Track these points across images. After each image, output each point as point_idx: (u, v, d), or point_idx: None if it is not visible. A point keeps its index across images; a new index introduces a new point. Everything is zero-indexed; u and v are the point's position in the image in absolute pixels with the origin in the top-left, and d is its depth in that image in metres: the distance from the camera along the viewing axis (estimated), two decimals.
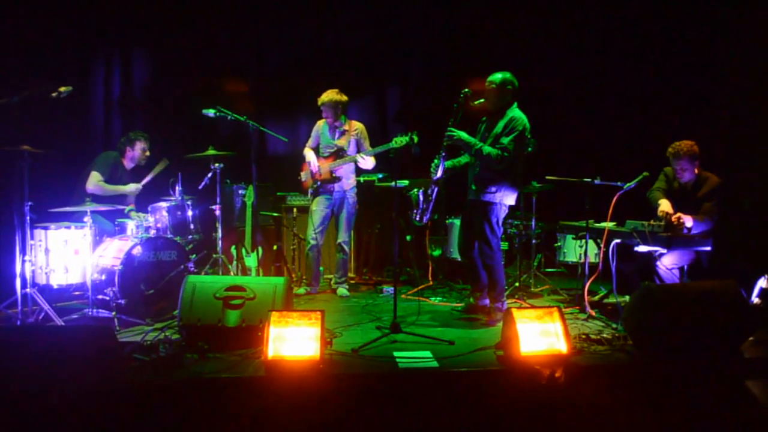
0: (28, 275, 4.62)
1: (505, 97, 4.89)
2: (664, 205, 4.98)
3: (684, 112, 6.88)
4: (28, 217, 4.58)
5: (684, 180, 5.07)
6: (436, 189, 5.05)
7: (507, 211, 4.98)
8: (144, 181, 5.79)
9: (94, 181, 5.56)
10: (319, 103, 5.89)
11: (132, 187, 5.73)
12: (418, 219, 5.15)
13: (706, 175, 5.04)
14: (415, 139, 5.22)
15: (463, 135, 4.85)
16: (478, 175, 4.93)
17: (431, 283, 6.51)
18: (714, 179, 5.00)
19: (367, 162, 5.82)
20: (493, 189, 4.83)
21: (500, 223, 4.94)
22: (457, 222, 5.15)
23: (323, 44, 7.75)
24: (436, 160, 5.02)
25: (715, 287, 4.14)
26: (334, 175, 5.90)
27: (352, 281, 6.57)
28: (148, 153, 5.85)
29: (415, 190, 5.17)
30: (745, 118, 6.37)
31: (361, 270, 7.05)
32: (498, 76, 4.89)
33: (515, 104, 4.92)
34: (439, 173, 4.99)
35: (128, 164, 5.84)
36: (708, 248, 4.74)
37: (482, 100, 4.90)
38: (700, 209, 4.88)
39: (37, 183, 4.68)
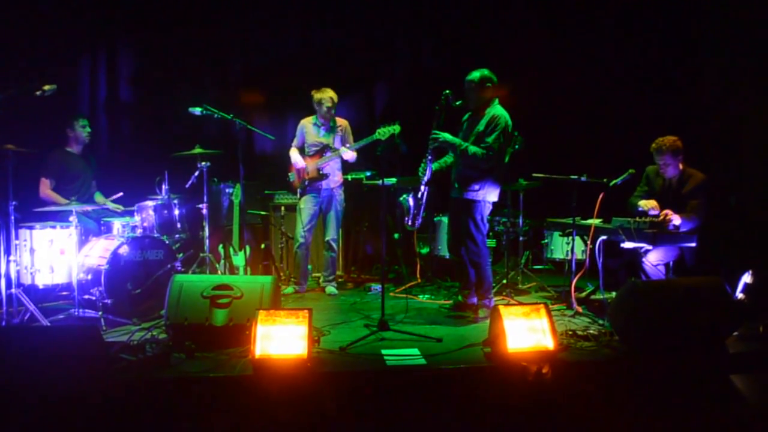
0: (13, 275, 4.58)
1: (485, 95, 4.91)
2: (645, 203, 5.02)
3: (670, 110, 6.92)
4: (12, 217, 4.56)
5: (668, 175, 5.10)
6: (426, 191, 5.06)
7: (491, 207, 4.99)
8: (95, 206, 5.62)
9: (44, 189, 5.52)
10: (319, 98, 5.85)
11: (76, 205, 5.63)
12: (410, 224, 5.16)
13: (690, 172, 5.07)
14: (398, 129, 5.22)
15: (448, 137, 4.87)
16: (461, 173, 4.95)
17: (419, 280, 6.53)
18: (699, 176, 5.03)
19: (349, 154, 5.83)
20: (476, 187, 4.84)
21: (485, 220, 4.95)
22: (445, 219, 5.17)
23: (310, 42, 7.74)
24: (423, 164, 5.05)
25: (700, 283, 4.18)
26: (321, 172, 5.90)
27: (340, 279, 6.57)
28: (88, 129, 5.74)
29: (404, 195, 5.19)
30: (732, 115, 6.42)
31: (350, 268, 7.05)
32: (476, 75, 4.90)
33: (496, 101, 4.94)
34: (428, 176, 5.02)
35: (76, 148, 5.74)
36: (693, 244, 4.77)
37: (460, 103, 4.91)
38: (685, 206, 4.92)
39: (21, 182, 4.65)
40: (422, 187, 5.05)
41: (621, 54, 7.31)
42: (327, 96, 5.84)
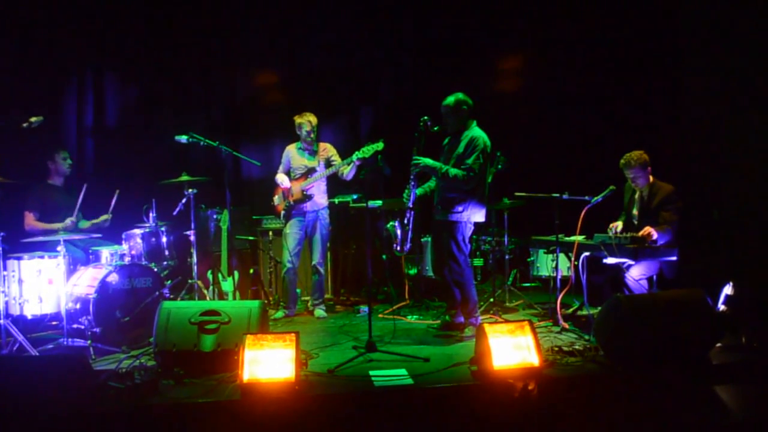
0: (1, 306, 4.59)
1: (462, 118, 5.01)
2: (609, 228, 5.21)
3: (651, 126, 7.03)
4: (0, 248, 4.57)
5: (640, 186, 5.26)
6: (411, 216, 5.13)
7: (473, 228, 5.07)
8: (75, 215, 5.61)
9: (29, 222, 5.55)
10: (302, 121, 5.95)
11: (66, 223, 5.58)
12: (399, 249, 5.23)
13: (659, 185, 5.20)
14: (381, 146, 5.31)
15: (429, 161, 4.96)
16: (444, 196, 5.03)
17: (408, 301, 6.56)
18: (667, 188, 5.15)
19: (345, 171, 5.87)
20: (460, 208, 4.93)
21: (466, 240, 5.02)
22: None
23: (295, 68, 7.84)
24: (407, 190, 5.13)
25: (682, 296, 4.25)
26: (305, 193, 5.95)
27: (329, 302, 6.59)
28: (69, 161, 5.81)
29: (391, 222, 5.25)
30: (713, 130, 6.52)
31: (339, 290, 7.07)
32: (451, 99, 5.01)
33: (474, 123, 5.05)
34: (412, 201, 5.11)
35: (57, 180, 5.79)
36: (674, 258, 4.84)
37: (438, 128, 5.01)
38: (657, 219, 5.02)
39: (9, 213, 4.68)
40: (407, 213, 5.13)
41: (601, 71, 7.42)
42: (305, 120, 5.96)
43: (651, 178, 5.23)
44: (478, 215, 5.02)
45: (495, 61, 7.90)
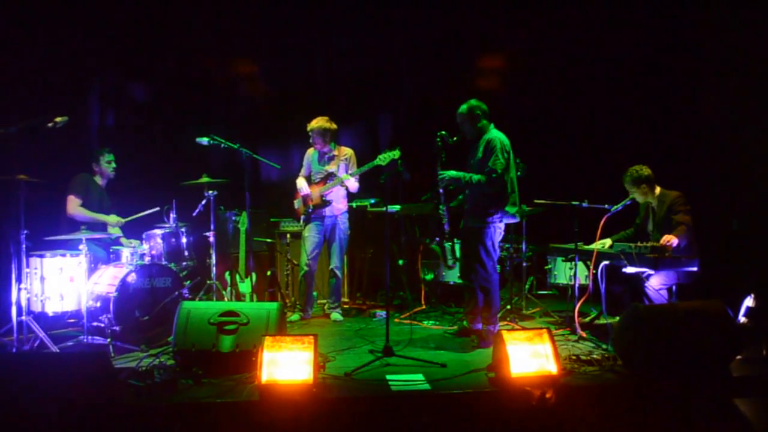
0: (23, 303, 4.65)
1: (477, 124, 5.00)
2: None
3: (672, 135, 6.99)
4: (23, 246, 4.63)
5: (639, 201, 5.28)
6: (447, 228, 5.17)
7: (503, 233, 5.04)
8: (128, 218, 5.86)
9: (74, 206, 5.64)
10: (308, 129, 5.99)
11: (113, 219, 5.79)
12: (451, 265, 5.26)
13: (665, 194, 5.19)
14: (398, 154, 5.31)
15: (452, 173, 4.96)
16: (473, 202, 5.01)
17: (424, 306, 6.56)
18: (672, 194, 5.15)
19: (351, 182, 5.91)
20: (491, 211, 4.89)
21: (496, 246, 4.98)
22: (448, 246, 5.22)
23: (315, 71, 7.88)
24: (441, 207, 5.14)
25: (702, 307, 4.20)
26: (324, 199, 5.97)
27: (345, 306, 6.60)
28: (114, 165, 5.92)
29: (435, 245, 5.30)
30: (732, 138, 6.47)
31: (355, 294, 7.08)
32: (464, 107, 5.01)
33: (491, 126, 5.03)
34: (446, 215, 5.14)
35: (101, 181, 5.92)
36: (694, 269, 4.79)
37: (456, 138, 5.01)
38: (671, 224, 4.99)
39: (33, 212, 4.74)
40: (445, 226, 5.15)
41: (622, 79, 7.40)
42: (315, 125, 5.96)
43: (657, 190, 5.22)
44: (509, 217, 4.99)
45: (515, 66, 7.88)
